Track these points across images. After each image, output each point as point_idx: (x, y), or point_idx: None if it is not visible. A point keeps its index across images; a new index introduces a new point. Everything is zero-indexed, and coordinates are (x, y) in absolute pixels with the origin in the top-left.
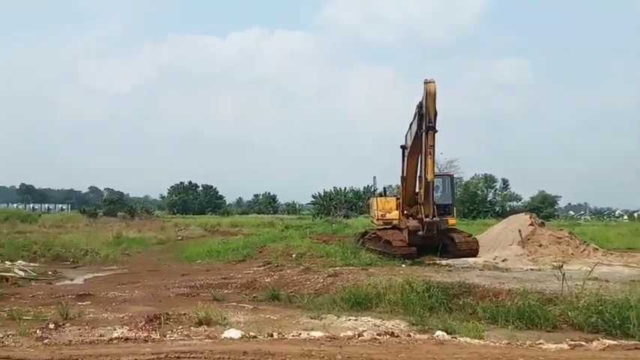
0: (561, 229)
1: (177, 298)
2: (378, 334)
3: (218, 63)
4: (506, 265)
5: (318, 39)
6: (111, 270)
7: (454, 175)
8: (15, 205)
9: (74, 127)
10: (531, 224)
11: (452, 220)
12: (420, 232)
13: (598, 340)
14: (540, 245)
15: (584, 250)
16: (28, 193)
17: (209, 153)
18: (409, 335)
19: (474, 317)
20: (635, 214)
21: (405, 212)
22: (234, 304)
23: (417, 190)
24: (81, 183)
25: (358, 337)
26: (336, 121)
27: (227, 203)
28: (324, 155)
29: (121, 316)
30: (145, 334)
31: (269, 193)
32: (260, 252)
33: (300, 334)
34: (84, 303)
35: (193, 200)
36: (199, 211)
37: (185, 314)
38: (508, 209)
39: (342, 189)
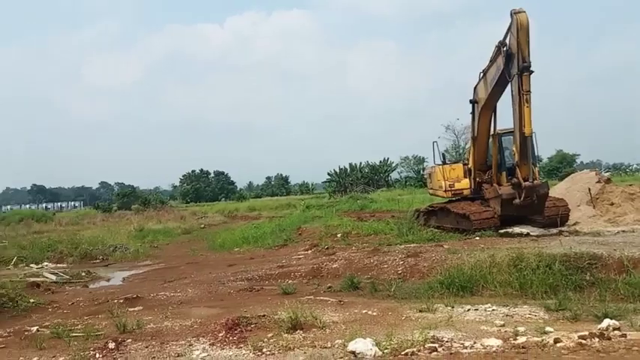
0: (631, 185)
1: (239, 295)
2: (581, 338)
3: (218, 49)
4: (581, 228)
5: (316, 16)
6: (146, 265)
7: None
8: (27, 205)
9: (79, 124)
10: (599, 181)
11: None
12: (517, 200)
13: None
14: (612, 204)
15: None
16: (39, 193)
17: (214, 140)
18: (623, 335)
19: (615, 295)
20: None
21: (479, 180)
22: (311, 297)
23: (491, 151)
24: (91, 179)
25: (555, 343)
26: (339, 98)
27: (238, 188)
28: (330, 133)
29: (188, 323)
30: (244, 351)
31: (281, 174)
32: (299, 234)
33: (470, 345)
34: (135, 308)
35: (206, 187)
36: (212, 198)
37: (265, 316)
38: None
39: (358, 164)
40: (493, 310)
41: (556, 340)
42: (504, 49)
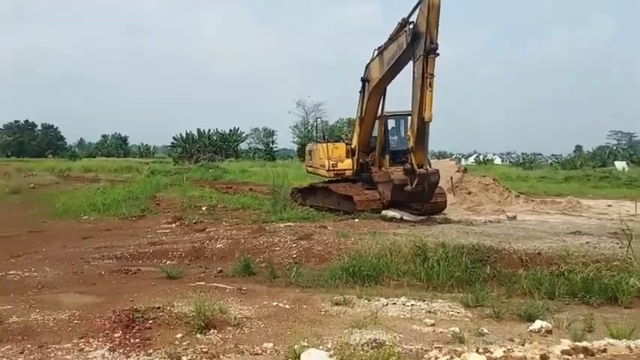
0: (484, 176)
1: (113, 277)
2: (565, 354)
3: None
4: (447, 215)
5: None
6: None
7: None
8: None
9: None
10: (458, 171)
11: None
12: (408, 187)
13: None
14: (469, 193)
15: (507, 196)
16: None
17: (42, 89)
18: (604, 351)
19: (518, 290)
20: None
21: (361, 161)
22: (202, 283)
23: (375, 133)
24: None
25: (542, 359)
26: (187, 58)
27: (68, 145)
28: (174, 95)
29: (64, 317)
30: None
31: (119, 134)
32: (157, 204)
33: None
34: None
35: (31, 141)
36: (38, 154)
37: (160, 308)
38: None
39: (206, 131)
40: (412, 304)
41: (542, 357)
42: (410, 27)
